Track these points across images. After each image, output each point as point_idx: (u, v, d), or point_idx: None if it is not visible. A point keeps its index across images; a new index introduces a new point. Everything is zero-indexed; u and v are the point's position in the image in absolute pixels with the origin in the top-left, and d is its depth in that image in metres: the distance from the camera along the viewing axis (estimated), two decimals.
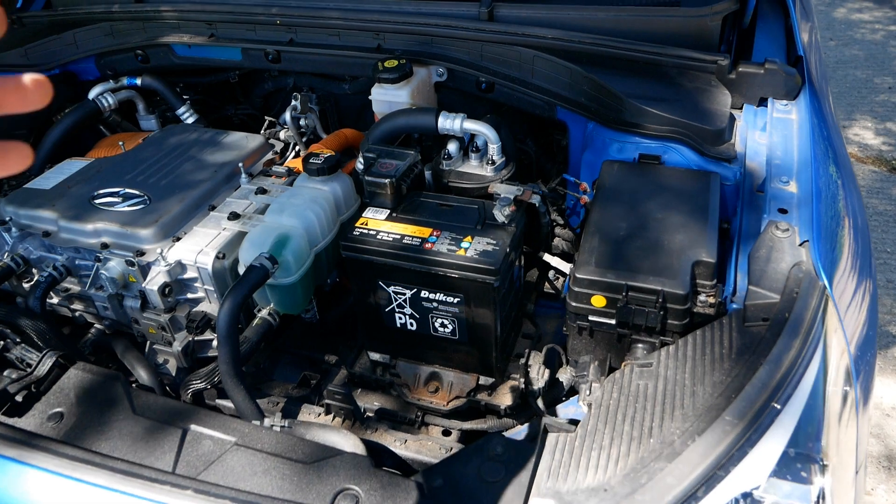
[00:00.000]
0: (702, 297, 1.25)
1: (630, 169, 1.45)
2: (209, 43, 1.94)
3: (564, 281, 1.72)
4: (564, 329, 1.35)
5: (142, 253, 1.47)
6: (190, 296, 1.49)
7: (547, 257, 1.61)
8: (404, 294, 1.36)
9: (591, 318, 1.28)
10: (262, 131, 2.20)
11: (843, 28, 6.33)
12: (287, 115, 2.08)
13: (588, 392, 1.26)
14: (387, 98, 1.69)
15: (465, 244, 1.30)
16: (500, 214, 1.33)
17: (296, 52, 1.88)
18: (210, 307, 1.50)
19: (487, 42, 1.70)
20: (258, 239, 1.40)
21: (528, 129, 2.02)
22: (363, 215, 1.40)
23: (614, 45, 1.63)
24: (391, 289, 1.37)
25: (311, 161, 1.51)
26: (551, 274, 1.77)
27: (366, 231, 1.35)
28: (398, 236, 1.33)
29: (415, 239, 1.32)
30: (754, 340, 1.09)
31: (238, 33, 1.92)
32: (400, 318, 1.40)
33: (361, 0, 1.80)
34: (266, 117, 2.20)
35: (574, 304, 1.28)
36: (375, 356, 1.49)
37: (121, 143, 1.84)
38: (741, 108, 1.63)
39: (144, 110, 2.15)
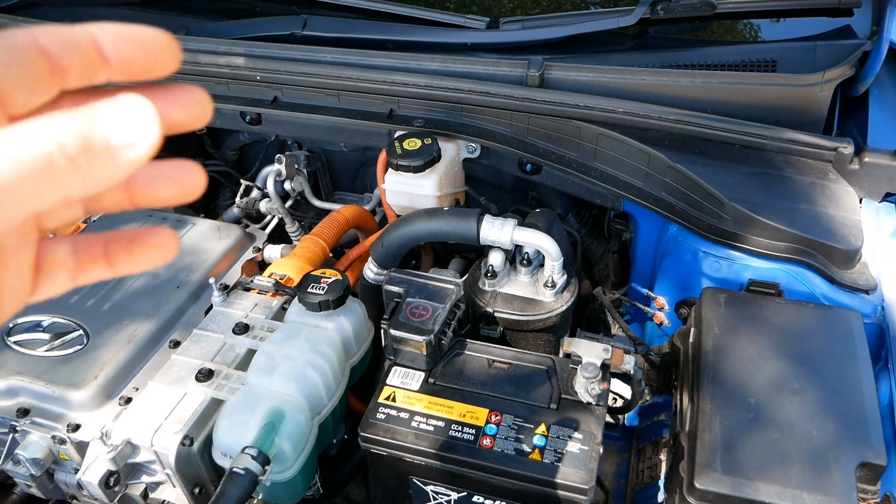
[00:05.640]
0: None
1: (742, 304, 1.08)
2: None
3: (622, 404, 1.36)
4: None
5: (75, 427, 1.06)
6: (146, 479, 1.09)
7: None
8: (448, 496, 0.98)
9: None
10: (238, 199, 1.78)
11: None
12: (269, 183, 1.67)
13: None
14: (406, 189, 1.29)
15: (537, 440, 0.92)
16: (586, 392, 0.95)
17: (281, 116, 1.46)
18: (173, 493, 1.10)
19: (536, 114, 1.31)
20: (240, 416, 1.00)
21: (569, 202, 1.64)
22: (387, 382, 1.01)
23: (704, 123, 1.26)
24: (429, 488, 0.98)
25: (310, 291, 1.11)
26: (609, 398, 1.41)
27: (394, 414, 0.96)
28: (441, 424, 0.94)
29: (466, 429, 0.94)
30: None
31: (203, 87, 1.49)
32: None
33: (369, 54, 1.38)
34: (242, 180, 1.78)
35: None
36: None
37: (51, 234, 1.41)
38: (860, 205, 1.27)
39: None
